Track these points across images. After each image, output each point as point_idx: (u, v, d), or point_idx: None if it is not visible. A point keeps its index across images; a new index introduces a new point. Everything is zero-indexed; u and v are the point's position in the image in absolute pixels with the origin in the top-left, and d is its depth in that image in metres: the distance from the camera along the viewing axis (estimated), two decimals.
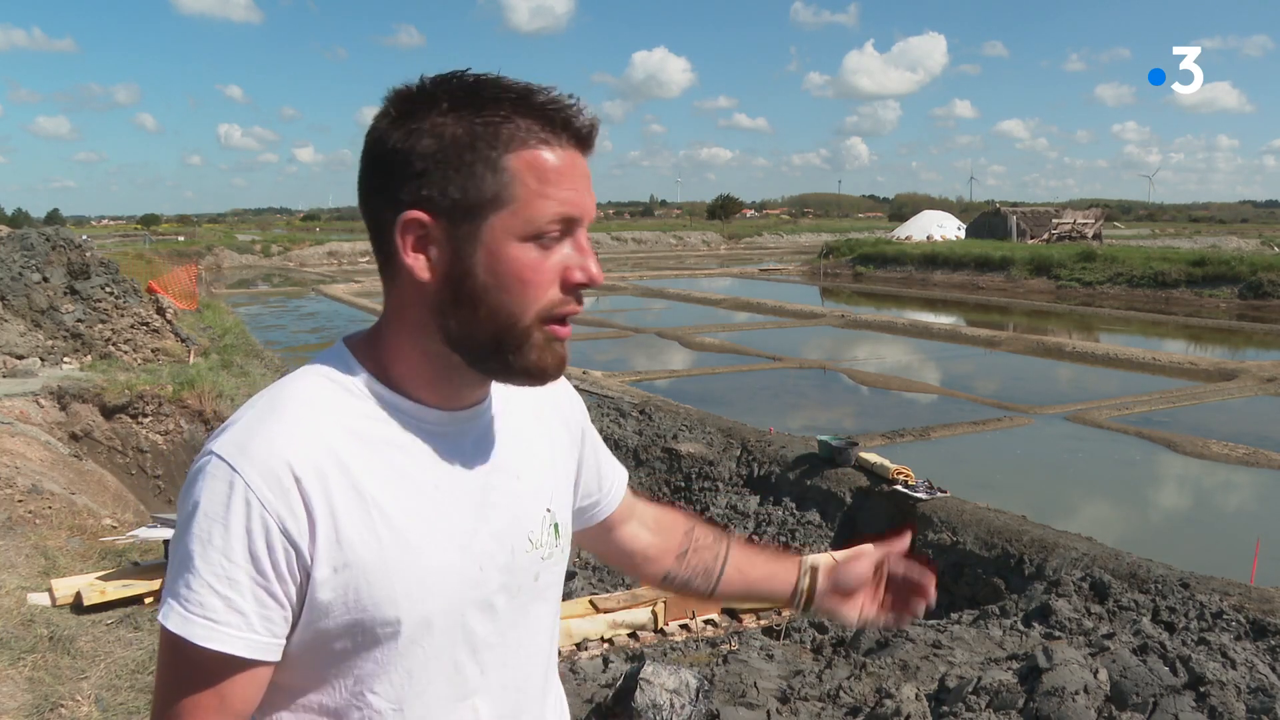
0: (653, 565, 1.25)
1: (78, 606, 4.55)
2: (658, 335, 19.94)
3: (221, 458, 0.83)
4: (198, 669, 0.83)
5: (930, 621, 5.71)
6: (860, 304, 27.68)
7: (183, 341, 13.32)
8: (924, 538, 7.56)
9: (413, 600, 0.87)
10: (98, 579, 4.78)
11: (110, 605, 4.59)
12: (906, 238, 46.59)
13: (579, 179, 0.88)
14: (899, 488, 8.22)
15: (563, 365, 0.92)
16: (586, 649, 5.37)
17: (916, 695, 3.87)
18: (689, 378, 15.16)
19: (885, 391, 14.07)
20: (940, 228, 50.50)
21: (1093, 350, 17.35)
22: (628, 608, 5.72)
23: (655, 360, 17.05)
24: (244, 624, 0.82)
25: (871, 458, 8.76)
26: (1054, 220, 45.42)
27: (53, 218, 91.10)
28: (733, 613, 6.03)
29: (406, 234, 0.85)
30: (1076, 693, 3.77)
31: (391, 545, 0.86)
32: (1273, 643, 5.30)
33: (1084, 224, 45.34)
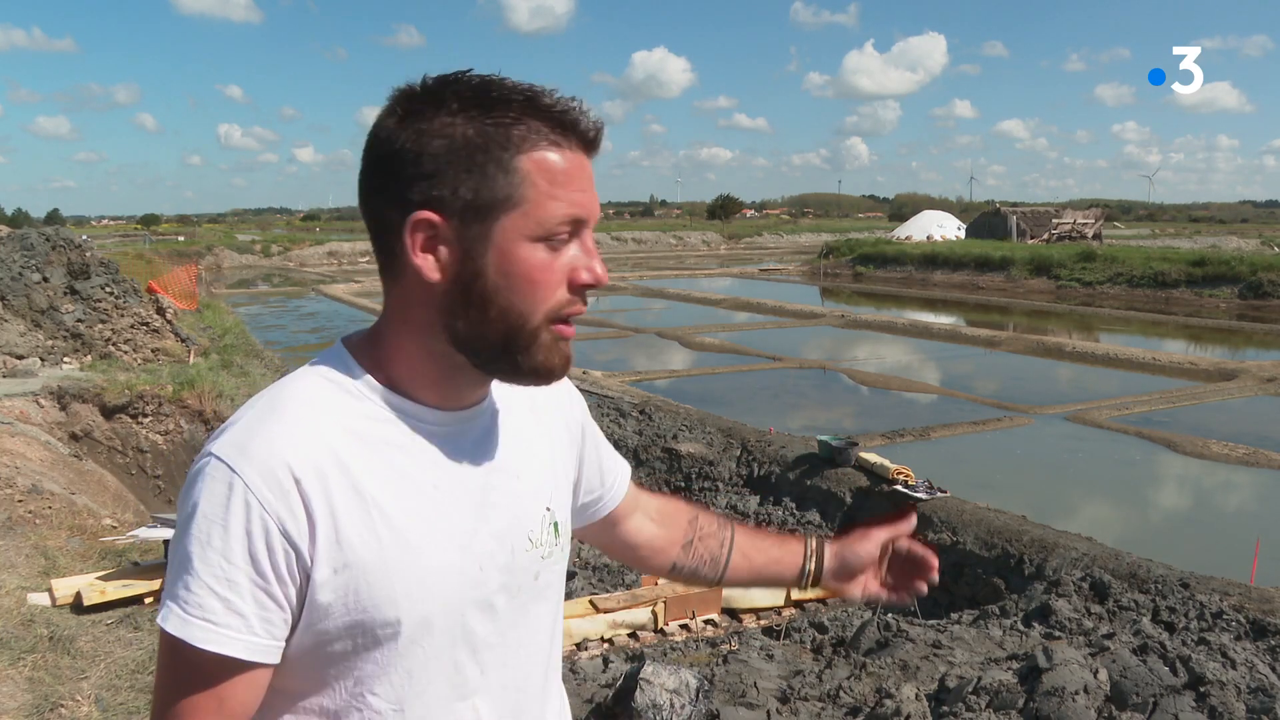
0: (659, 557, 1.26)
1: (78, 606, 4.55)
2: (658, 335, 19.92)
3: (221, 459, 0.83)
4: (197, 671, 0.83)
5: (930, 621, 5.72)
6: (860, 304, 27.66)
7: (183, 341, 13.32)
8: (924, 538, 7.54)
9: (413, 600, 0.87)
10: (98, 579, 4.78)
11: (110, 605, 4.59)
12: (906, 238, 46.57)
13: (586, 181, 0.88)
14: (899, 488, 8.22)
15: (568, 365, 0.93)
16: (586, 649, 5.37)
17: (916, 695, 3.87)
18: (689, 378, 15.15)
19: (885, 391, 14.06)
20: (940, 228, 50.48)
21: (1093, 350, 17.34)
22: (628, 608, 5.72)
23: (655, 360, 17.03)
24: (244, 626, 0.82)
25: (871, 458, 8.76)
26: (1054, 220, 45.40)
27: (53, 218, 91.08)
28: (733, 613, 6.04)
29: (416, 234, 0.85)
30: (1076, 693, 3.76)
31: (391, 545, 0.86)
32: (1273, 643, 5.30)
33: (1084, 224, 45.33)
